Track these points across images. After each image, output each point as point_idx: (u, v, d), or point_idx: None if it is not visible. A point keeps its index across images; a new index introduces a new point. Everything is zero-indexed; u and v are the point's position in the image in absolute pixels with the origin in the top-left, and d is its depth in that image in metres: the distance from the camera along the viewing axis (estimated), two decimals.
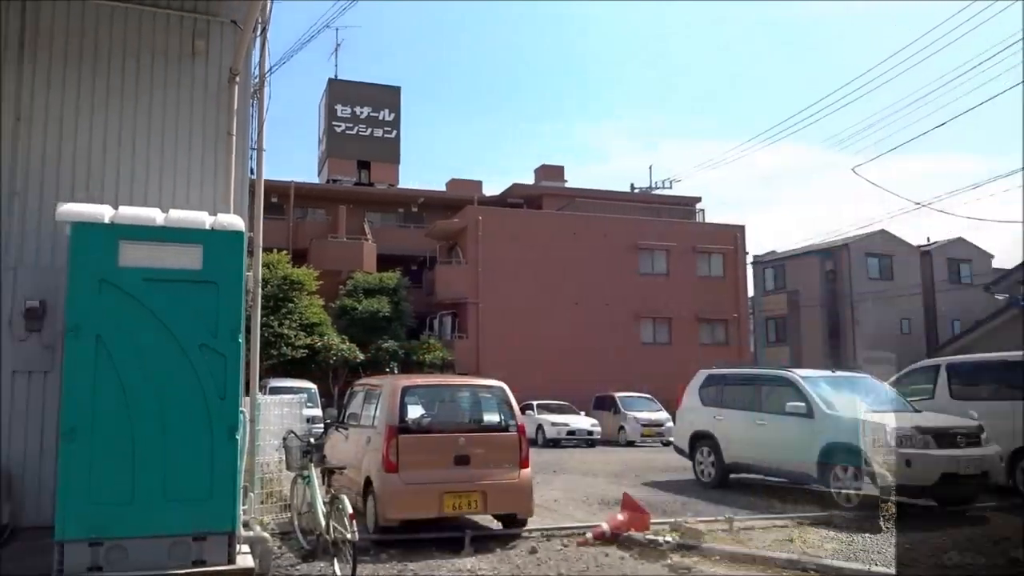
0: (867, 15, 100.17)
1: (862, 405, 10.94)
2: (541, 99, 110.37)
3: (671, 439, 18.79)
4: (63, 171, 7.84)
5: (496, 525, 8.92)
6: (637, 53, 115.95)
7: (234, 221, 6.19)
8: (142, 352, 5.64)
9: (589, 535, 8.34)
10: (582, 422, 25.13)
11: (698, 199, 45.38)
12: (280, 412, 9.10)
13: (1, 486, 7.08)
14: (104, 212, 5.84)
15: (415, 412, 8.59)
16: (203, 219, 6.08)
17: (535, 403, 25.69)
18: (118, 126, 8.05)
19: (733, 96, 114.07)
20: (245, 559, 5.87)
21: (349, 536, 6.33)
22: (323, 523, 6.93)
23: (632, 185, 46.77)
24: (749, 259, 42.24)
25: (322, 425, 15.42)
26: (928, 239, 44.09)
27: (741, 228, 39.93)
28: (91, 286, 5.56)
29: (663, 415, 25.40)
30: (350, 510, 6.43)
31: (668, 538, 8.07)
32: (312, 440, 7.89)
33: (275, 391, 18.52)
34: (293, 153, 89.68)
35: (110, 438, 5.50)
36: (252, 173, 8.79)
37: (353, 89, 44.68)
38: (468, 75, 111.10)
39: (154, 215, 6.03)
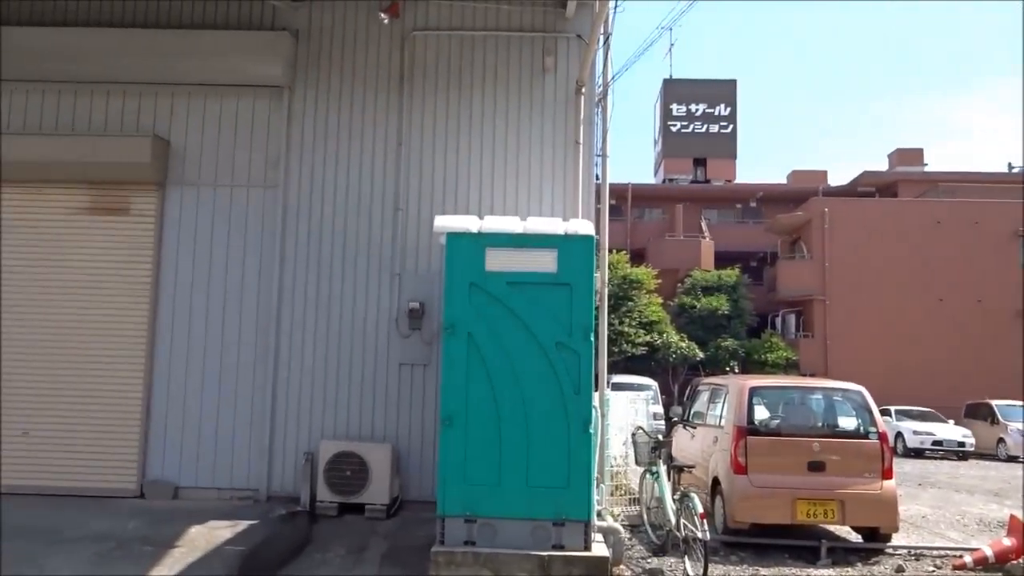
0: None
1: None
2: (889, 75, 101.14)
3: None
4: (436, 186, 8.87)
5: (854, 538, 8.35)
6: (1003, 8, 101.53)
7: (585, 226, 6.55)
8: (506, 349, 6.15)
9: (968, 559, 7.45)
10: (951, 431, 22.70)
11: None
12: (624, 408, 9.35)
13: (393, 464, 8.20)
14: (473, 223, 6.50)
15: (763, 414, 8.35)
16: (557, 226, 6.51)
17: (893, 409, 23.63)
18: (480, 143, 8.90)
19: None
20: (599, 547, 6.14)
21: (699, 535, 6.34)
22: (673, 520, 7.01)
23: (1009, 164, 41.12)
24: None
25: (663, 422, 15.62)
26: None
27: None
28: (463, 289, 6.19)
29: None
30: (700, 509, 6.44)
31: None
32: (660, 437, 8.03)
33: (617, 387, 19.08)
34: (629, 154, 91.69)
35: (481, 426, 6.08)
36: (596, 178, 9.19)
37: (688, 87, 44.54)
38: (807, 59, 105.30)
39: (514, 224, 6.57)
